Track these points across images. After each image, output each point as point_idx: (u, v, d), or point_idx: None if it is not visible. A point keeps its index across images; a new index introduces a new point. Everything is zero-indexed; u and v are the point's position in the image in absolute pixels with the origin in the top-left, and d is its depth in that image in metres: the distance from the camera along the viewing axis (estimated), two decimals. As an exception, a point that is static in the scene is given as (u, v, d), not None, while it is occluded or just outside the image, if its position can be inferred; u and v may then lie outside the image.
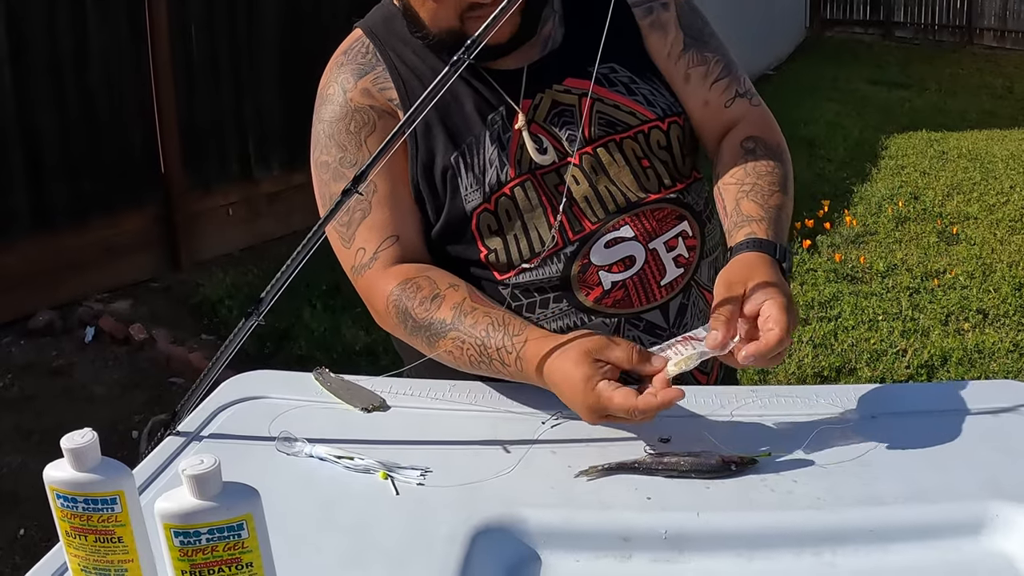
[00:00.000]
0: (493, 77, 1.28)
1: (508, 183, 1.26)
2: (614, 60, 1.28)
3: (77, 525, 0.84)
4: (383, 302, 1.26)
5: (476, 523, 0.97)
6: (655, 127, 1.30)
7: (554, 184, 1.27)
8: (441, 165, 1.27)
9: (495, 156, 1.26)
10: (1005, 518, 0.97)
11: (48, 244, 4.15)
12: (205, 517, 0.76)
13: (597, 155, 1.28)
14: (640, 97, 1.30)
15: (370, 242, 1.27)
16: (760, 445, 1.10)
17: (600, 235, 1.27)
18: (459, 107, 1.28)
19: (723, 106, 1.35)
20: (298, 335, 3.94)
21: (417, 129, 1.25)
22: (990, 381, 1.30)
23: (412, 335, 1.24)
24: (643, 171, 1.29)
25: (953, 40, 13.52)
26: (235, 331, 1.12)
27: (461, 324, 1.19)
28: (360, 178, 1.07)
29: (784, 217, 1.25)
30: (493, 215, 1.27)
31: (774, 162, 1.30)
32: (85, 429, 0.85)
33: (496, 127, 1.27)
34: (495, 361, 1.17)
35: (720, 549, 0.96)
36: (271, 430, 1.16)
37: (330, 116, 1.30)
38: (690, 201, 1.32)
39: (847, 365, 3.71)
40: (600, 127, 1.28)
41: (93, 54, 4.23)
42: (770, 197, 1.25)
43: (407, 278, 1.25)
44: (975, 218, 5.49)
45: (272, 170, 5.08)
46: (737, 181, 1.28)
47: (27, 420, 3.34)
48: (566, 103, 1.28)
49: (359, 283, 1.30)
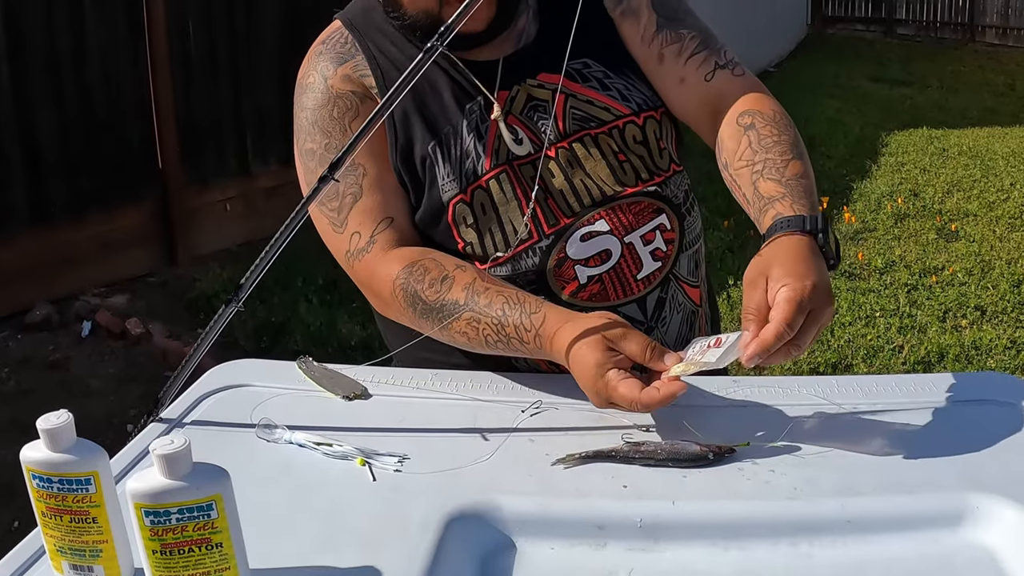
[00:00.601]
0: (470, 68, 1.27)
1: (484, 175, 1.26)
2: (588, 55, 1.28)
3: (52, 505, 0.85)
4: (388, 287, 1.23)
5: (451, 509, 0.97)
6: (630, 122, 1.29)
7: (530, 176, 1.27)
8: (420, 154, 1.27)
9: (472, 146, 1.26)
10: (985, 510, 0.96)
11: (46, 239, 4.15)
12: (174, 497, 0.76)
13: (573, 149, 1.27)
14: (614, 92, 1.29)
15: (365, 226, 1.26)
16: (739, 434, 1.10)
17: (575, 229, 1.26)
18: (437, 96, 1.28)
19: (703, 80, 1.30)
20: (294, 330, 3.95)
21: (395, 117, 1.25)
22: (971, 373, 1.30)
23: (422, 318, 1.22)
24: (619, 165, 1.28)
25: (955, 37, 13.50)
26: (215, 317, 1.12)
27: (475, 304, 1.18)
28: (336, 165, 1.07)
29: (807, 183, 1.17)
30: (468, 207, 1.26)
31: (777, 129, 1.23)
32: (61, 410, 0.85)
33: (474, 116, 1.27)
34: (513, 339, 1.16)
35: (695, 538, 0.95)
36: (252, 417, 1.16)
37: (312, 104, 1.30)
38: (668, 194, 1.31)
39: (843, 361, 3.71)
40: (574, 122, 1.28)
41: (91, 50, 4.24)
42: (786, 169, 1.17)
43: (412, 261, 1.23)
44: (974, 215, 5.49)
45: (270, 165, 5.08)
46: (747, 162, 1.21)
47: (23, 414, 3.34)
48: (540, 98, 1.28)
49: (356, 268, 1.27)
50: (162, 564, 0.80)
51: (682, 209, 1.33)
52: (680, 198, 1.33)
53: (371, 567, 0.89)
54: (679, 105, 1.33)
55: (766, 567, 0.92)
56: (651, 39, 1.31)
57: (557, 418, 1.16)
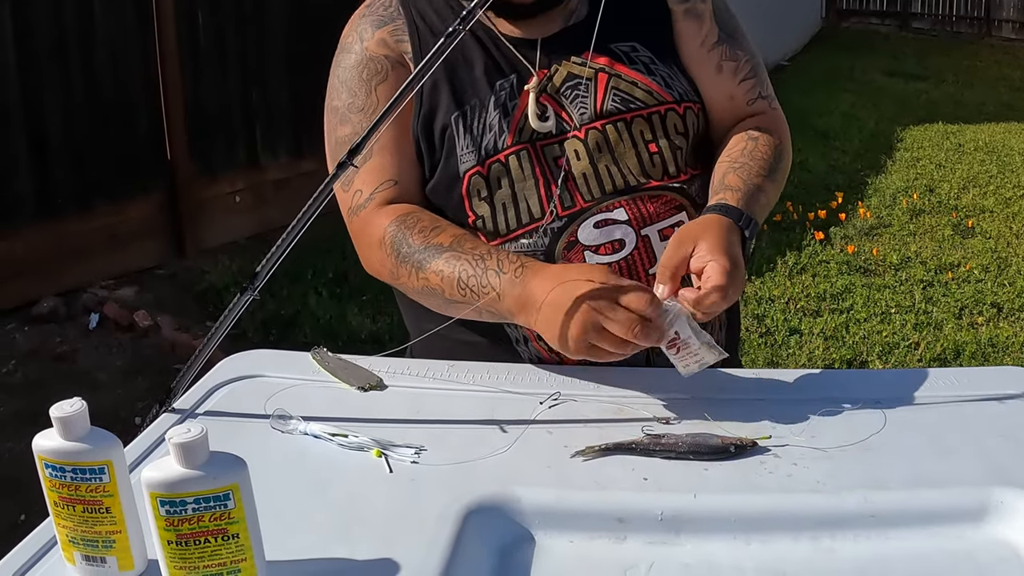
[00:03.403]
0: (511, 44, 1.28)
1: (504, 150, 1.25)
2: (637, 39, 1.29)
3: (65, 495, 0.84)
4: (378, 234, 1.24)
5: (469, 502, 0.96)
6: (672, 109, 1.29)
7: (553, 157, 1.26)
8: (441, 123, 1.27)
9: (496, 122, 1.26)
10: (1009, 505, 0.95)
11: (53, 230, 4.15)
12: (191, 486, 0.75)
13: (605, 132, 1.27)
14: (659, 78, 1.29)
15: (368, 184, 1.27)
16: (761, 428, 1.09)
17: (591, 214, 1.25)
18: (469, 69, 1.28)
19: (746, 103, 1.36)
20: (304, 322, 3.94)
21: (424, 85, 1.26)
22: (996, 368, 1.29)
23: (400, 263, 1.21)
24: (649, 156, 1.27)
25: (971, 32, 13.46)
26: (230, 306, 1.11)
27: (460, 247, 1.18)
28: (356, 150, 1.06)
29: (761, 197, 1.25)
30: (484, 180, 1.26)
31: (771, 152, 1.30)
32: (75, 399, 0.84)
33: (503, 94, 1.27)
34: (490, 271, 1.15)
35: (717, 532, 0.94)
36: (267, 408, 1.15)
37: (346, 63, 1.32)
38: (693, 193, 1.30)
39: (859, 358, 3.69)
40: (614, 103, 1.27)
41: (99, 39, 4.22)
42: (754, 176, 1.26)
43: (407, 213, 1.25)
44: (991, 211, 5.47)
45: (279, 157, 5.07)
46: (730, 159, 1.29)
47: (30, 406, 3.34)
48: (582, 76, 1.27)
49: (353, 224, 1.29)
50: (177, 555, 0.78)
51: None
52: (703, 199, 1.31)
53: (388, 559, 0.88)
54: (717, 117, 1.36)
55: (788, 561, 0.91)
56: (711, 47, 1.34)
57: (576, 410, 1.15)
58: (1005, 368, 1.27)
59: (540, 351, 1.29)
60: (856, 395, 1.16)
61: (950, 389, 1.18)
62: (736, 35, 1.36)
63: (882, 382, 1.20)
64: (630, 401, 1.16)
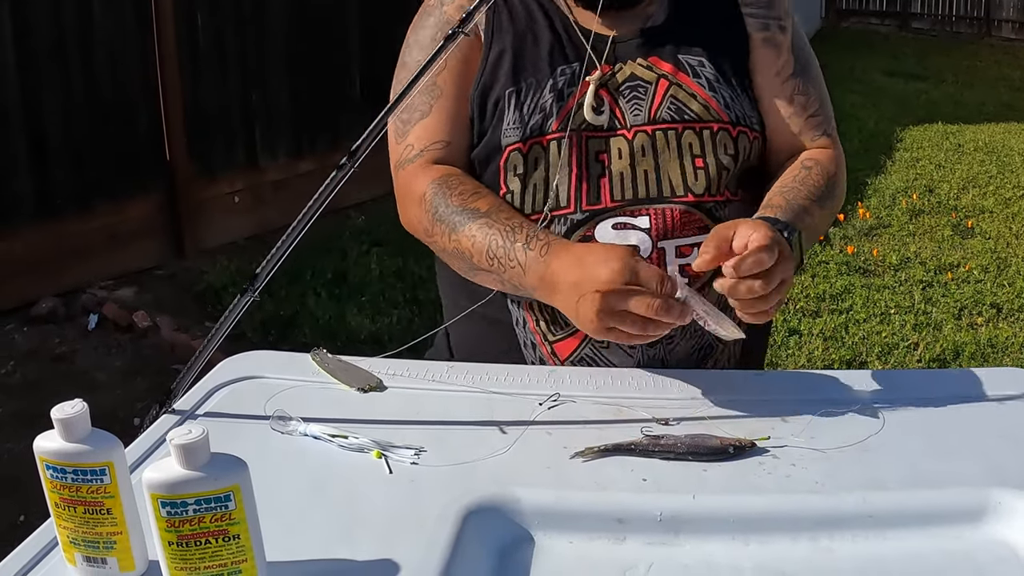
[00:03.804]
0: (583, 35, 1.29)
1: (548, 134, 1.26)
2: (707, 55, 1.29)
3: (66, 496, 0.84)
4: (420, 191, 1.27)
5: (469, 502, 0.96)
6: (725, 129, 1.28)
7: (595, 151, 1.26)
8: (496, 94, 1.29)
9: (548, 105, 1.27)
10: (1007, 506, 0.96)
11: (52, 231, 4.14)
12: (192, 487, 0.75)
13: (654, 137, 1.27)
14: (719, 96, 1.28)
15: (420, 140, 1.30)
16: (760, 429, 1.09)
17: (613, 215, 1.25)
18: (535, 47, 1.29)
19: (810, 139, 1.35)
20: (302, 323, 3.94)
21: (490, 54, 1.29)
22: (995, 368, 1.29)
23: (436, 222, 1.24)
24: (694, 170, 1.26)
25: (971, 32, 13.45)
26: (231, 307, 1.11)
27: (495, 216, 1.20)
28: (355, 153, 1.06)
29: (807, 217, 1.23)
30: (522, 157, 1.27)
31: (823, 181, 1.30)
32: (76, 400, 0.84)
33: (563, 79, 1.28)
34: (518, 244, 1.17)
35: (716, 532, 0.94)
36: (267, 409, 1.16)
37: (424, 24, 1.34)
38: (723, 217, 1.28)
39: (858, 358, 3.69)
40: (669, 111, 1.27)
41: (98, 40, 4.22)
42: (801, 199, 1.25)
43: (450, 174, 1.27)
44: (990, 212, 5.47)
45: (278, 158, 5.07)
46: (780, 185, 1.29)
47: (29, 406, 3.34)
48: (644, 78, 1.28)
49: (398, 177, 1.32)
50: (178, 556, 0.79)
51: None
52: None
53: (388, 560, 0.88)
54: (778, 148, 1.35)
55: (787, 561, 0.91)
56: (785, 79, 1.33)
57: (575, 411, 1.15)
58: (1003, 369, 1.27)
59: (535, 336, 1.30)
60: (855, 396, 1.17)
61: (948, 390, 1.19)
62: (810, 71, 1.36)
63: (881, 383, 1.20)
64: (629, 402, 1.16)
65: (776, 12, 1.34)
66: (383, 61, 6.20)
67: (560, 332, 1.28)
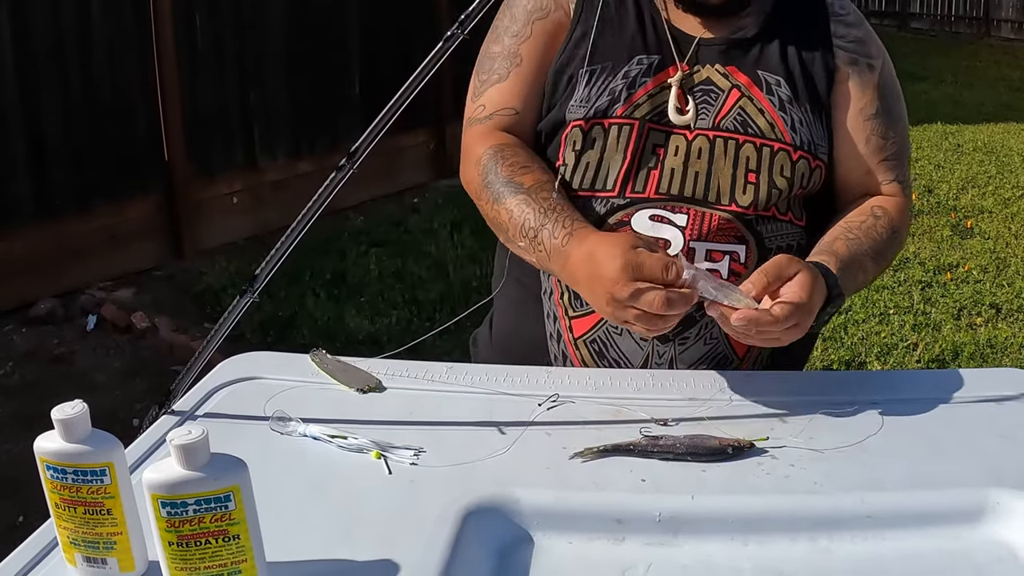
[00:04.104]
0: (670, 30, 1.30)
1: (611, 118, 1.27)
2: (786, 75, 1.28)
3: (67, 497, 0.84)
4: (477, 155, 1.30)
5: (468, 503, 0.96)
6: (785, 151, 1.27)
7: (654, 143, 1.27)
8: (571, 71, 1.30)
9: (617, 90, 1.28)
10: (1006, 506, 0.96)
11: (51, 231, 4.14)
12: (192, 487, 0.75)
13: (713, 143, 1.27)
14: (788, 118, 1.28)
15: (492, 103, 1.33)
16: (758, 429, 1.09)
17: (653, 206, 1.26)
18: (618, 33, 1.30)
19: (880, 183, 1.35)
20: (301, 324, 3.94)
21: (575, 32, 1.31)
22: (993, 369, 1.29)
23: (484, 188, 1.27)
24: (744, 183, 1.26)
25: (970, 32, 13.44)
26: (230, 308, 1.11)
27: (535, 194, 1.22)
28: (354, 154, 1.06)
29: (859, 275, 1.24)
30: (582, 135, 1.28)
31: (887, 236, 1.29)
32: (76, 400, 0.84)
33: (638, 69, 1.28)
34: (545, 229, 1.19)
35: (714, 533, 0.95)
36: (266, 410, 1.16)
37: None
38: (762, 232, 1.27)
39: (857, 359, 3.69)
40: (734, 122, 1.27)
41: (96, 40, 4.22)
42: (862, 254, 1.25)
43: (507, 144, 1.30)
44: (990, 212, 5.47)
45: (277, 158, 5.07)
46: (847, 227, 1.28)
47: (27, 407, 3.33)
48: (719, 85, 1.28)
49: (466, 135, 1.35)
50: (178, 556, 0.79)
51: (768, 256, 1.26)
52: (771, 243, 1.28)
53: (388, 560, 0.89)
54: (846, 186, 1.35)
55: (785, 562, 0.92)
56: (867, 118, 1.32)
57: (574, 412, 1.15)
58: (1002, 370, 1.28)
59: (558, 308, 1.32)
60: (853, 396, 1.17)
61: (947, 390, 1.19)
62: (893, 115, 1.35)
63: (879, 383, 1.21)
64: (628, 403, 1.17)
65: (867, 50, 1.33)
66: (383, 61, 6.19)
67: (580, 309, 1.30)
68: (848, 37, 1.32)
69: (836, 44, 1.31)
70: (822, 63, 1.30)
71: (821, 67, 1.30)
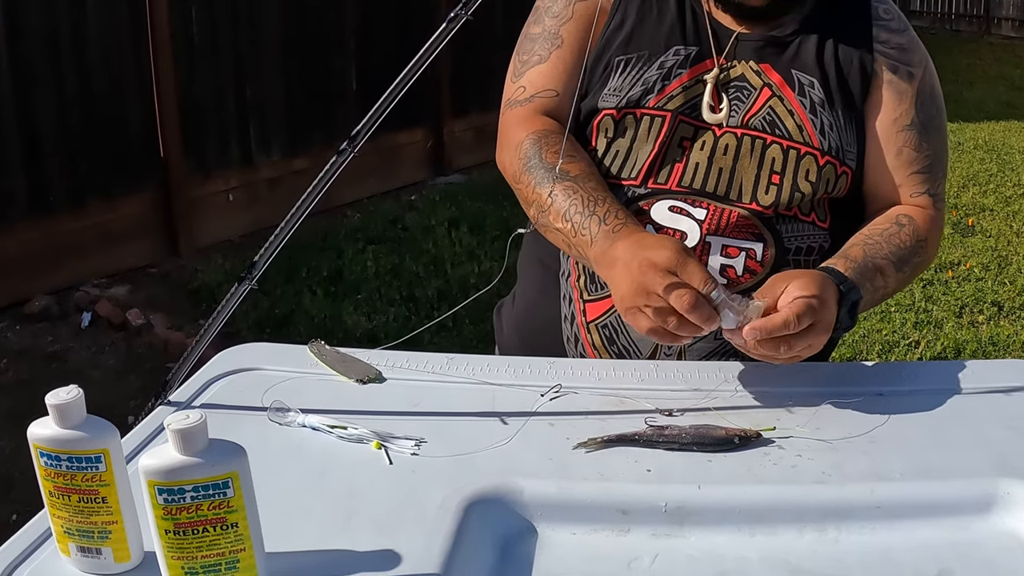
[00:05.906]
0: (710, 23, 1.29)
1: (643, 108, 1.27)
2: (821, 78, 1.26)
3: (61, 484, 0.82)
4: (519, 137, 1.29)
5: (470, 493, 0.94)
6: (811, 155, 1.25)
7: (682, 136, 1.27)
8: (607, 58, 1.30)
9: (651, 80, 1.27)
10: (1015, 496, 0.95)
11: (45, 228, 4.13)
12: (190, 473, 0.74)
13: (740, 141, 1.26)
14: (818, 122, 1.26)
15: (533, 85, 1.33)
16: (765, 419, 1.08)
17: (672, 197, 1.25)
18: (657, 22, 1.30)
19: (910, 195, 1.31)
20: (298, 321, 3.93)
21: (614, 19, 1.30)
22: (1000, 360, 1.28)
23: (525, 171, 1.27)
24: (768, 184, 1.25)
25: (970, 30, 13.45)
26: (228, 295, 1.09)
27: (582, 183, 1.21)
28: (355, 137, 1.05)
29: (878, 278, 1.21)
30: (613, 124, 1.28)
31: (910, 243, 1.26)
32: (71, 386, 0.82)
33: (675, 59, 1.28)
34: (595, 216, 1.18)
35: (721, 523, 0.93)
36: (264, 400, 1.14)
37: None
38: (783, 233, 1.26)
39: (858, 356, 3.69)
40: (763, 121, 1.26)
41: (91, 36, 4.21)
42: (880, 257, 1.22)
43: (549, 130, 1.29)
44: (991, 210, 5.48)
45: (272, 156, 5.06)
46: (866, 234, 1.26)
47: (22, 405, 3.32)
48: (752, 83, 1.27)
49: (506, 115, 1.35)
50: (175, 545, 0.77)
51: (785, 256, 1.27)
52: (791, 244, 1.27)
53: (389, 551, 0.87)
54: (875, 195, 1.32)
55: (793, 552, 0.90)
56: (901, 128, 1.29)
57: (577, 402, 1.14)
58: (1010, 361, 1.27)
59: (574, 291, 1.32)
60: (861, 387, 1.16)
61: (954, 381, 1.18)
62: (930, 127, 1.31)
63: (886, 374, 1.20)
64: (632, 393, 1.15)
65: (908, 58, 1.30)
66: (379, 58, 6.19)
67: (596, 293, 1.29)
68: (890, 43, 1.29)
69: (877, 49, 1.29)
70: (859, 67, 1.28)
71: (858, 71, 1.28)
